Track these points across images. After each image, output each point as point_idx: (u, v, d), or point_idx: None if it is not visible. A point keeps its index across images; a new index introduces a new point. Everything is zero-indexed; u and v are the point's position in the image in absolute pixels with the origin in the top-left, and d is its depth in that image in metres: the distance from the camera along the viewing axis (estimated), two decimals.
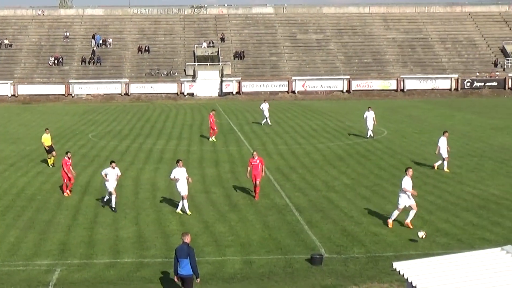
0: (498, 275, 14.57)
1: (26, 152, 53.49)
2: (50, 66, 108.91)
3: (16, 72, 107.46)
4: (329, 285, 23.36)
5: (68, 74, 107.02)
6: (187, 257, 21.36)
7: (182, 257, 21.42)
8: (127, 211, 34.27)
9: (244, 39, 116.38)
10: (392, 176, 42.26)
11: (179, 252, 21.55)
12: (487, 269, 15.03)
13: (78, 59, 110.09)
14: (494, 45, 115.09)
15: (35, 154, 52.08)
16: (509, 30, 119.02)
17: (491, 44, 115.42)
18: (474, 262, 15.59)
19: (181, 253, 21.51)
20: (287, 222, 31.69)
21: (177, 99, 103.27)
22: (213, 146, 55.46)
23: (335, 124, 69.63)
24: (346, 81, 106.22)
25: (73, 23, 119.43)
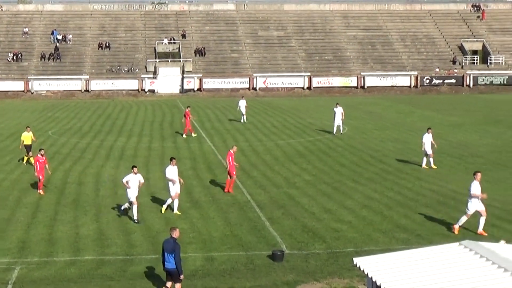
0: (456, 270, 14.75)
1: None
2: (8, 62, 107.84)
3: None
4: (290, 281, 23.46)
5: (27, 71, 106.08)
6: (173, 252, 21.53)
7: (168, 252, 21.60)
8: (87, 209, 34.09)
9: (205, 36, 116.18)
10: (353, 172, 42.53)
11: (166, 246, 21.71)
12: (445, 263, 15.19)
13: (37, 55, 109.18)
14: (453, 43, 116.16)
15: None
16: (467, 28, 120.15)
17: (450, 42, 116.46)
18: (433, 257, 15.74)
19: (167, 247, 21.66)
20: (248, 219, 31.76)
21: (138, 95, 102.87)
22: (175, 143, 55.38)
23: (296, 121, 69.80)
24: (307, 78, 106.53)
25: (32, 19, 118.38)
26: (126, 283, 23.57)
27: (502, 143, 53.49)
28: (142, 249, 27.51)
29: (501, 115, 73.19)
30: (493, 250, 15.42)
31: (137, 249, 27.58)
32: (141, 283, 23.56)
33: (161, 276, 24.11)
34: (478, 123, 65.69)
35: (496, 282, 13.76)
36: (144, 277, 24.16)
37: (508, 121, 67.46)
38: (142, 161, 47.55)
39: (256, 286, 23.11)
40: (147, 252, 27.11)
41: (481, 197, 29.49)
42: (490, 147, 51.83)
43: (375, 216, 32.03)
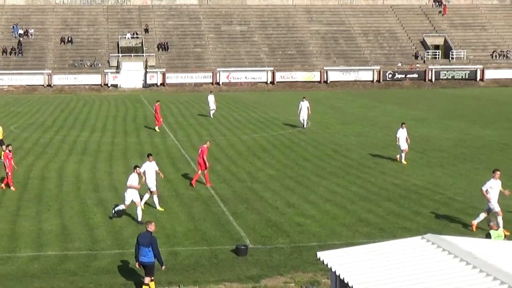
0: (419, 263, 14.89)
1: None
2: None
3: None
4: (254, 275, 23.53)
5: None
6: (149, 245, 21.67)
7: (144, 245, 21.69)
8: (50, 204, 33.90)
9: (168, 31, 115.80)
10: (316, 167, 42.70)
11: (141, 240, 21.80)
12: (408, 257, 15.32)
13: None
14: (415, 38, 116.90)
15: None
16: (429, 23, 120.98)
17: (412, 37, 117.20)
18: (395, 250, 15.87)
19: (143, 240, 21.76)
20: (212, 213, 31.79)
21: (101, 90, 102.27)
22: (138, 138, 55.21)
23: (259, 115, 69.88)
24: (270, 72, 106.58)
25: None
26: (89, 278, 23.50)
27: (464, 138, 53.98)
28: (105, 244, 27.43)
29: (463, 109, 73.85)
30: (455, 243, 15.59)
31: (101, 244, 27.50)
32: (104, 278, 23.51)
33: (124, 271, 24.10)
34: (440, 118, 66.22)
35: (458, 275, 13.92)
36: (108, 272, 24.13)
37: (470, 115, 68.11)
38: (105, 156, 47.39)
39: (220, 280, 23.17)
40: (110, 247, 27.04)
41: (506, 193, 29.48)
42: (452, 141, 52.29)
43: (338, 210, 32.22)
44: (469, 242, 16.12)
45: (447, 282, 13.68)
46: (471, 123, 61.98)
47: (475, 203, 33.30)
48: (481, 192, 29.36)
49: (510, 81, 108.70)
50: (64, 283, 23.00)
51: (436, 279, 13.95)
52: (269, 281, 23.15)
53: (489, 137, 54.23)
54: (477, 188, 36.41)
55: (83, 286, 22.72)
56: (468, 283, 13.52)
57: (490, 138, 53.49)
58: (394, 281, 14.19)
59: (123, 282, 23.02)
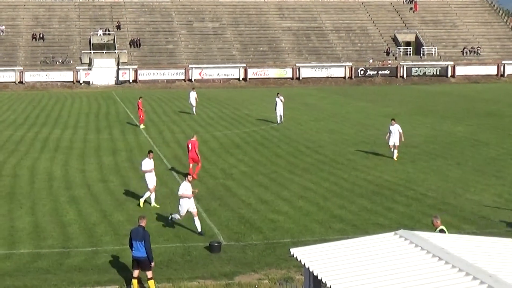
0: (392, 259, 14.98)
1: None
2: None
3: None
4: (228, 272, 23.56)
5: None
6: (142, 240, 21.79)
7: (137, 240, 21.81)
8: (22, 201, 33.71)
9: (140, 27, 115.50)
10: (289, 163, 42.77)
11: (134, 234, 21.89)
12: (381, 253, 15.40)
13: None
14: (386, 34, 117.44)
15: None
16: (400, 20, 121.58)
17: (383, 33, 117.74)
18: (368, 246, 15.94)
19: (136, 235, 21.87)
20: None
21: (73, 87, 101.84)
22: (110, 135, 55.03)
23: (232, 112, 69.92)
24: (243, 69, 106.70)
25: None
26: (62, 276, 23.42)
27: (435, 133, 54.33)
28: (78, 242, 27.34)
29: (434, 105, 74.30)
30: (427, 239, 15.69)
31: (74, 241, 27.40)
32: (78, 275, 23.44)
33: (98, 269, 24.05)
34: (412, 114, 66.59)
35: (430, 271, 14.03)
36: (81, 270, 24.04)
37: (441, 111, 68.53)
38: (77, 153, 47.20)
39: (194, 277, 23.17)
40: (83, 245, 26.95)
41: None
42: (424, 137, 52.60)
43: (311, 206, 32.32)
44: (441, 237, 16.25)
45: (419, 278, 13.78)
46: (442, 119, 62.38)
47: (447, 199, 33.56)
48: None
49: (481, 78, 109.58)
50: (37, 281, 22.90)
51: (408, 274, 14.04)
52: (243, 277, 23.19)
53: (460, 133, 54.63)
54: (449, 184, 36.77)
55: (56, 284, 22.63)
56: (441, 278, 13.62)
57: (461, 134, 53.88)
58: (367, 277, 14.27)
59: (96, 280, 22.96)
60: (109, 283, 22.76)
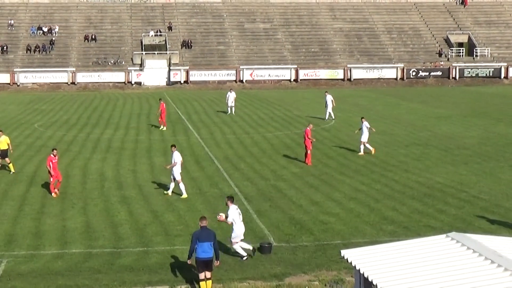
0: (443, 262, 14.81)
1: None
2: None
3: None
4: (278, 273, 23.51)
5: (13, 63, 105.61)
6: (213, 240, 22.07)
7: (208, 241, 22.05)
8: (74, 201, 34.03)
9: (191, 28, 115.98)
10: (340, 165, 42.61)
11: (204, 236, 22.10)
12: (432, 255, 15.24)
13: (23, 48, 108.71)
14: (439, 35, 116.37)
15: None
16: (452, 21, 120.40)
17: (436, 34, 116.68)
18: (420, 249, 15.78)
19: (207, 237, 22.11)
20: None
21: (125, 88, 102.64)
22: (161, 136, 55.33)
23: (283, 113, 69.85)
24: (294, 70, 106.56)
25: (17, 11, 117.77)
26: (113, 276, 23.56)
27: (488, 135, 53.67)
28: (129, 242, 27.49)
29: (487, 107, 73.44)
30: (480, 241, 15.49)
31: (125, 242, 27.56)
32: (128, 275, 23.55)
33: (148, 269, 24.14)
34: (464, 115, 65.90)
35: (483, 274, 13.85)
36: (132, 270, 24.15)
37: (494, 113, 67.69)
38: (129, 153, 47.53)
39: (244, 278, 23.16)
40: (134, 245, 27.09)
41: None
42: (476, 139, 51.99)
43: (362, 208, 32.13)
44: (493, 240, 16.02)
45: (471, 281, 13.61)
46: (496, 121, 61.60)
47: (499, 201, 33.13)
48: None
49: None
50: (88, 280, 23.07)
51: (460, 277, 13.87)
52: (293, 279, 23.12)
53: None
54: (501, 186, 36.29)
55: (107, 283, 22.78)
56: (493, 281, 13.44)
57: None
58: (418, 279, 14.14)
59: (147, 280, 23.05)
60: (160, 283, 22.84)
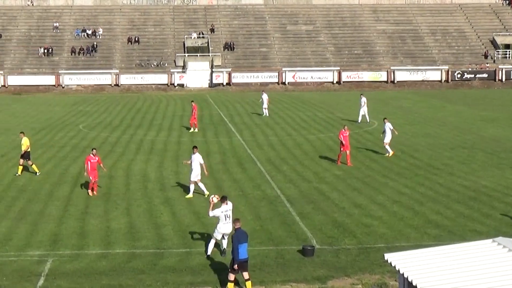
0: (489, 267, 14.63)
1: (16, 142, 53.04)
2: (40, 57, 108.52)
3: (6, 63, 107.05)
4: (321, 276, 23.40)
5: (58, 65, 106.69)
6: (247, 241, 22.34)
7: (245, 241, 22.26)
8: (118, 202, 34.22)
9: (234, 30, 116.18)
10: (383, 167, 42.33)
11: (243, 238, 22.25)
12: (478, 260, 15.07)
13: (68, 50, 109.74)
14: (484, 37, 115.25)
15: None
16: (499, 22, 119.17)
17: (481, 36, 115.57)
18: (465, 253, 15.62)
19: (245, 238, 22.34)
20: (278, 214, 31.72)
21: (167, 90, 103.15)
22: (204, 137, 55.44)
23: (325, 115, 69.67)
24: (336, 72, 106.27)
25: (62, 13, 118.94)
26: (157, 276, 23.63)
27: None
28: (172, 243, 27.55)
29: None
30: None
31: (168, 242, 27.63)
32: (171, 276, 23.61)
33: (191, 270, 24.15)
34: (511, 118, 65.13)
35: None
36: (175, 271, 24.21)
37: None
38: (172, 155, 47.70)
39: (287, 280, 23.09)
40: (177, 246, 27.15)
41: None
42: None
43: (406, 211, 31.87)
44: None
45: None
46: None
47: None
48: None
49: None
50: (132, 281, 23.17)
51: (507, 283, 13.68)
52: (336, 282, 23.00)
53: None
54: None
55: (150, 284, 22.86)
56: None
57: None
58: (464, 284, 13.99)
59: (190, 281, 23.08)
60: (203, 285, 22.85)
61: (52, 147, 51.42)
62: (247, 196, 35.19)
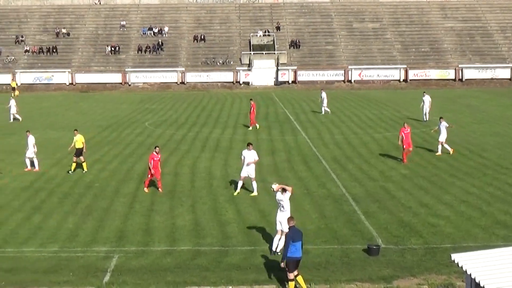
0: None
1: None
2: (106, 55, 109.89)
3: (73, 61, 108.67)
4: (386, 276, 23.19)
5: (124, 63, 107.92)
6: (301, 239, 22.26)
7: (299, 240, 22.16)
8: (183, 199, 34.40)
9: (299, 28, 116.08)
10: (450, 166, 41.80)
11: (297, 236, 22.19)
12: None
13: (134, 48, 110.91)
14: None
15: (93, 142, 52.56)
16: None
17: None
18: None
19: (299, 236, 22.24)
20: (343, 212, 31.53)
21: (233, 88, 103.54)
22: (269, 135, 55.43)
23: (392, 113, 69.13)
24: (403, 70, 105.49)
25: (129, 12, 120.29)
26: (221, 273, 23.67)
27: None
28: (237, 241, 27.58)
29: None
30: None
31: (232, 240, 27.66)
32: (236, 274, 23.62)
33: (256, 268, 24.13)
34: None
35: None
36: (239, 269, 24.21)
37: None
38: (237, 152, 47.67)
39: (352, 280, 22.93)
40: (242, 244, 27.16)
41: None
42: None
43: (473, 211, 31.40)
44: None
45: None
46: None
47: None
48: None
49: None
50: (196, 278, 23.24)
51: None
52: (401, 282, 22.76)
53: None
54: None
55: (215, 281, 22.90)
56: None
57: None
58: None
59: (254, 279, 23.06)
60: (267, 283, 22.82)
61: (118, 144, 51.94)
62: (312, 195, 35.07)
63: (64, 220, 30.79)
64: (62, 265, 24.91)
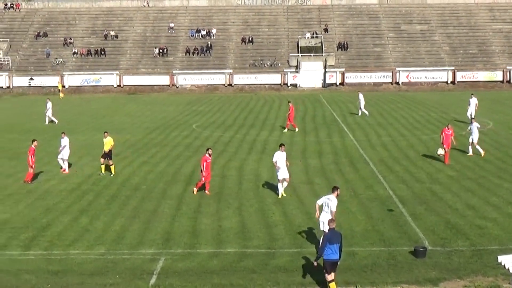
0: None
1: (131, 142, 54.47)
2: (154, 57, 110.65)
3: (121, 63, 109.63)
4: (433, 278, 23.11)
5: (172, 65, 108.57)
6: (340, 241, 22.27)
7: (337, 242, 22.16)
8: (230, 201, 34.53)
9: (347, 30, 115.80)
10: (498, 169, 41.47)
11: (335, 238, 22.19)
12: None
13: (182, 50, 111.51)
14: None
15: (140, 144, 53.05)
16: None
17: None
18: None
19: (337, 238, 22.22)
20: (390, 214, 31.44)
21: (281, 90, 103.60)
22: (317, 137, 55.42)
23: (439, 115, 68.69)
24: (451, 72, 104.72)
25: (177, 14, 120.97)
26: (268, 276, 23.72)
27: None
28: (284, 243, 27.64)
29: None
30: None
31: (279, 242, 27.72)
32: (282, 276, 23.67)
33: (303, 270, 24.18)
34: None
35: None
36: (286, 271, 24.26)
37: None
38: None
39: (398, 282, 22.89)
40: (289, 246, 27.22)
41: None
42: None
43: None
44: None
45: None
46: None
47: None
48: None
49: None
50: (243, 280, 23.32)
51: None
52: (448, 284, 22.67)
53: None
54: None
55: (261, 284, 22.95)
56: None
57: None
58: None
59: (300, 281, 23.12)
60: (313, 285, 22.86)
61: (165, 146, 52.31)
62: (359, 197, 35.03)
63: (111, 222, 31.08)
64: (109, 267, 25.11)
